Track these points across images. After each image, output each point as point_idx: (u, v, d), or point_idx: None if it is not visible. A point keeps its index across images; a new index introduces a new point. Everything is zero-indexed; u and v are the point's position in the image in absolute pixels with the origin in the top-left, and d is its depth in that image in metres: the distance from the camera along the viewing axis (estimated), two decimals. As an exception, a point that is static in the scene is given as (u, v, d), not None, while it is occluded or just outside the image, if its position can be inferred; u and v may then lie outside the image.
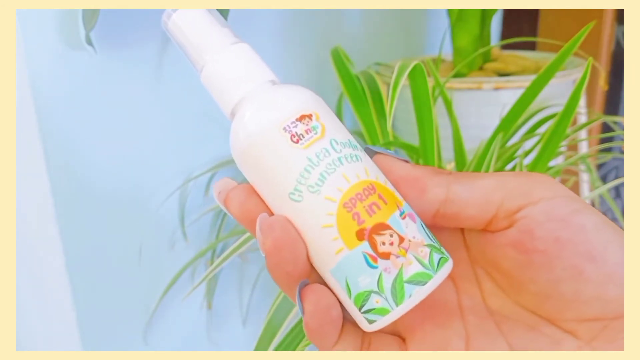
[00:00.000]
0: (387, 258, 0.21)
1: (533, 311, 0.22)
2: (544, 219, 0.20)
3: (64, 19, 0.45)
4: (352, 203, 0.21)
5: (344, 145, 0.22)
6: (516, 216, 0.20)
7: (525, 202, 0.20)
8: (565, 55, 0.49)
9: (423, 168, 0.22)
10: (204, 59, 0.23)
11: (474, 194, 0.21)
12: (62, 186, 0.48)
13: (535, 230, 0.20)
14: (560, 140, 0.49)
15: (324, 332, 0.21)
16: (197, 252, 0.59)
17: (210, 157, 0.60)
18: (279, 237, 0.21)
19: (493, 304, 0.23)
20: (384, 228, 0.21)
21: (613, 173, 1.07)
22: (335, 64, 0.59)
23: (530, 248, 0.20)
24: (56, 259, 0.49)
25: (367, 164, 0.22)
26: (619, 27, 0.99)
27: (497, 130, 0.54)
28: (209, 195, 0.61)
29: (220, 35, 0.23)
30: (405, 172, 0.22)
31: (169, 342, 0.61)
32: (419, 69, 0.46)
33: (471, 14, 0.68)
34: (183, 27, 0.23)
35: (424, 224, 0.22)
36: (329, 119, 0.22)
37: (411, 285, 0.21)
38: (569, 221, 0.20)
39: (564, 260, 0.20)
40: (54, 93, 0.46)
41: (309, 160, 0.21)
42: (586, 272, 0.20)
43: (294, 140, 0.21)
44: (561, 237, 0.20)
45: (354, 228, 0.21)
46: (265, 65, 0.23)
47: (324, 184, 0.21)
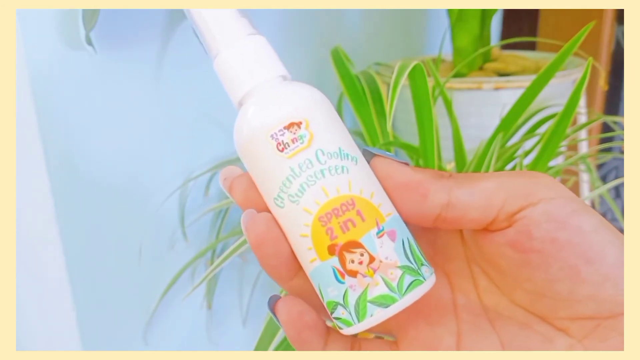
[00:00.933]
0: (354, 276, 0.21)
1: (527, 309, 0.22)
2: (543, 219, 0.20)
3: (64, 19, 0.45)
4: (327, 217, 0.21)
5: (332, 155, 0.21)
6: (516, 217, 0.21)
7: (526, 204, 0.20)
8: (565, 55, 0.49)
9: (423, 172, 0.22)
10: (218, 46, 0.23)
11: (476, 198, 0.21)
12: (62, 186, 0.48)
13: (533, 231, 0.20)
14: (560, 140, 0.49)
15: (304, 339, 0.22)
16: (197, 252, 0.59)
17: (210, 157, 0.60)
18: (262, 233, 0.21)
19: (488, 301, 0.23)
20: (355, 246, 0.21)
21: (613, 173, 1.07)
22: (335, 64, 0.59)
23: (528, 247, 0.20)
24: (56, 259, 0.49)
25: (355, 175, 0.21)
26: (619, 27, 0.99)
27: (497, 130, 0.54)
28: (209, 195, 0.61)
29: (238, 25, 0.23)
30: (406, 177, 0.21)
31: (169, 342, 0.61)
32: (419, 69, 0.46)
33: (471, 14, 0.68)
34: (202, 12, 0.23)
35: (410, 240, 0.22)
36: (322, 125, 0.22)
37: (374, 305, 0.21)
38: (567, 222, 0.20)
39: (560, 261, 0.20)
40: (54, 93, 0.46)
41: (291, 170, 0.21)
42: (582, 273, 0.20)
43: (279, 148, 0.21)
44: (559, 237, 0.20)
45: (327, 242, 0.21)
46: (278, 59, 0.23)
47: (303, 196, 0.21)
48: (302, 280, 0.23)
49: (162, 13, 0.52)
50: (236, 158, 0.60)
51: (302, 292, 0.23)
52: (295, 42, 0.67)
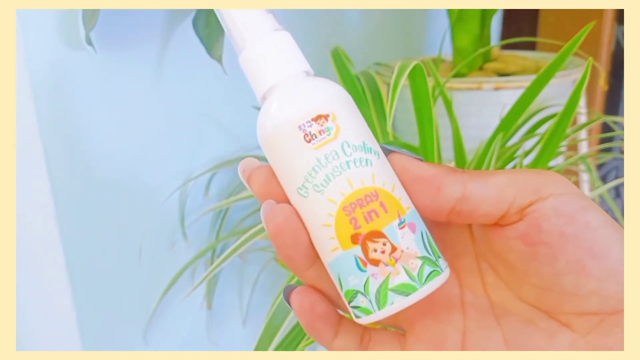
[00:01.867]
0: (376, 265, 0.22)
1: (533, 304, 0.22)
2: (552, 214, 0.21)
3: (64, 19, 0.45)
4: (351, 207, 0.22)
5: (356, 148, 0.22)
6: (526, 211, 0.21)
7: (536, 198, 0.21)
8: (565, 55, 0.49)
9: (438, 166, 0.22)
10: (244, 41, 0.23)
11: (489, 191, 0.21)
12: (63, 186, 0.48)
13: (542, 224, 0.21)
14: (560, 140, 0.49)
15: (316, 328, 0.23)
16: (197, 252, 0.59)
17: (210, 157, 0.60)
18: (281, 223, 0.22)
19: (495, 296, 0.23)
20: (378, 236, 0.22)
21: (613, 173, 1.07)
22: (335, 64, 0.59)
23: (536, 240, 0.21)
24: (56, 259, 0.49)
25: (377, 168, 0.22)
26: (619, 27, 0.99)
27: (497, 130, 0.54)
28: (209, 195, 0.61)
29: (263, 21, 0.23)
30: (421, 171, 0.22)
31: (169, 342, 0.61)
32: (419, 69, 0.46)
33: (471, 14, 0.68)
34: (230, 9, 0.23)
35: (427, 233, 0.23)
36: (347, 119, 0.22)
37: (395, 294, 0.21)
38: (576, 217, 0.20)
39: (567, 255, 0.20)
40: (54, 93, 0.46)
41: (317, 161, 0.22)
42: (588, 267, 0.20)
43: (306, 139, 0.22)
44: (566, 232, 0.20)
45: (350, 231, 0.22)
46: (301, 55, 0.24)
47: (328, 185, 0.22)
48: (317, 270, 0.23)
49: (162, 13, 0.52)
50: (236, 158, 0.60)
51: (318, 282, 0.23)
52: (295, 42, 0.67)
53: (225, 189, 0.62)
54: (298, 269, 0.23)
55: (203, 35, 0.48)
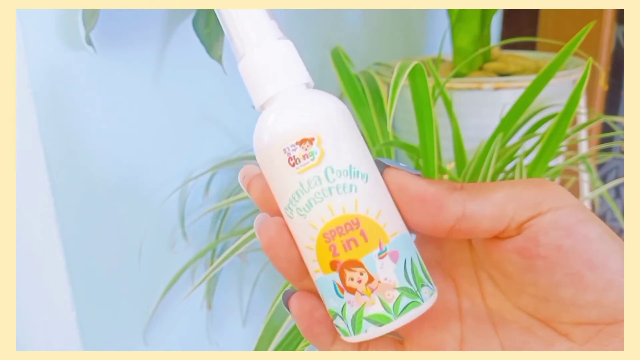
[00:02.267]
0: (353, 293, 0.22)
1: (531, 313, 0.22)
2: (550, 227, 0.21)
3: (64, 19, 0.45)
4: (331, 234, 0.22)
5: (341, 173, 0.22)
6: (525, 225, 0.21)
7: (535, 213, 0.21)
8: (565, 55, 0.49)
9: (437, 184, 0.22)
10: (245, 48, 0.23)
11: (489, 209, 0.21)
12: (62, 186, 0.48)
13: (540, 238, 0.21)
14: (560, 140, 0.49)
15: (315, 333, 0.23)
16: (197, 252, 0.59)
17: (210, 157, 0.60)
18: (273, 237, 0.22)
19: (493, 305, 0.23)
20: (356, 265, 0.22)
21: (613, 173, 1.07)
22: (335, 64, 0.59)
23: (534, 254, 0.21)
24: (56, 259, 0.49)
25: (363, 193, 0.22)
26: (619, 27, 0.99)
27: (497, 130, 0.54)
28: (209, 195, 0.61)
29: (265, 28, 0.23)
30: (420, 190, 0.22)
31: (169, 342, 0.61)
32: (419, 69, 0.46)
33: (471, 14, 0.68)
34: (232, 12, 0.23)
35: (413, 259, 0.22)
36: (335, 141, 0.22)
37: (369, 322, 0.22)
38: (574, 230, 0.21)
39: (565, 267, 0.20)
40: (54, 93, 0.46)
41: (300, 185, 0.22)
42: (586, 279, 0.20)
43: (290, 163, 0.22)
44: (564, 244, 0.20)
45: (329, 258, 0.22)
46: (302, 66, 0.23)
47: (310, 211, 0.22)
48: (311, 281, 0.23)
49: (162, 13, 0.52)
50: (236, 158, 0.60)
51: (313, 290, 0.24)
52: (295, 42, 0.66)
53: (225, 189, 0.62)
54: (292, 279, 0.23)
55: (203, 35, 0.48)
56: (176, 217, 0.58)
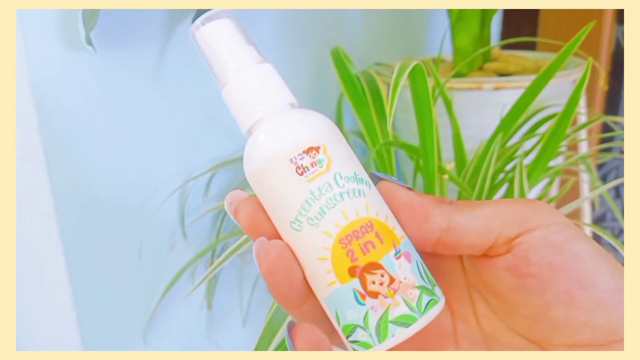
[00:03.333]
0: (376, 297, 0.21)
1: (524, 335, 0.22)
2: (540, 244, 0.21)
3: (64, 19, 0.45)
4: (347, 240, 0.21)
5: (349, 179, 0.22)
6: (514, 242, 0.21)
7: (523, 230, 0.21)
8: (565, 55, 0.49)
9: (426, 196, 0.22)
10: (226, 75, 0.23)
11: (475, 223, 0.21)
12: (62, 186, 0.48)
13: (530, 256, 0.21)
14: (560, 140, 0.49)
15: None
16: (197, 252, 0.59)
17: (210, 157, 0.60)
18: (274, 262, 0.21)
19: (486, 326, 0.23)
20: (376, 267, 0.21)
21: (613, 173, 1.07)
22: (335, 64, 0.59)
23: (525, 272, 0.21)
24: (56, 259, 0.49)
25: (370, 198, 0.22)
26: (619, 27, 0.99)
27: (497, 130, 0.54)
28: (209, 195, 0.61)
29: (245, 54, 0.23)
30: (409, 200, 0.22)
31: (169, 342, 0.61)
32: (419, 69, 0.46)
33: (471, 14, 0.68)
34: (210, 41, 0.23)
35: (421, 261, 0.22)
36: (338, 150, 0.22)
37: (395, 325, 0.21)
38: (563, 248, 0.20)
39: (556, 286, 0.20)
40: (54, 93, 0.46)
41: (311, 194, 0.21)
42: (577, 298, 0.20)
43: (299, 172, 0.21)
44: (554, 263, 0.20)
45: (347, 264, 0.21)
46: (285, 87, 0.23)
47: (322, 218, 0.21)
48: (311, 306, 0.23)
49: (162, 13, 0.52)
50: (236, 158, 0.60)
51: (311, 318, 0.23)
52: (295, 42, 0.67)
53: (225, 189, 0.62)
54: (291, 305, 0.23)
55: (203, 35, 0.48)
56: (176, 217, 0.58)
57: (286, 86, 0.23)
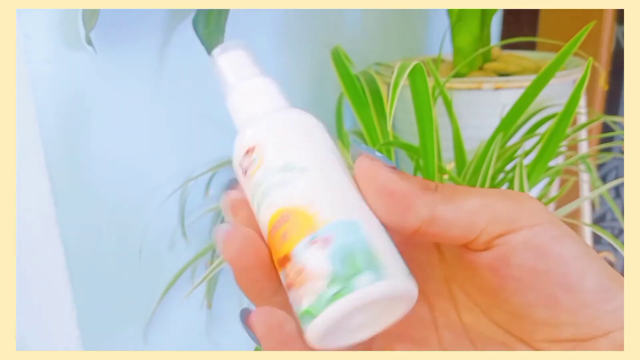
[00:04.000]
0: (290, 289, 0.21)
1: (506, 329, 0.22)
2: (522, 247, 0.20)
3: (64, 19, 0.45)
4: (272, 233, 0.21)
5: (277, 170, 0.22)
6: (495, 242, 0.20)
7: (507, 229, 0.20)
8: (565, 55, 0.49)
9: (410, 181, 0.21)
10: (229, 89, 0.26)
11: (459, 216, 0.20)
12: (62, 186, 0.48)
13: (511, 259, 0.20)
14: (560, 140, 0.49)
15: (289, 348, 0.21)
16: (197, 252, 0.59)
17: (210, 157, 0.60)
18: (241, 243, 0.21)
19: (468, 319, 0.23)
20: (288, 259, 0.21)
21: (613, 173, 1.07)
22: (335, 64, 0.59)
23: (506, 274, 0.20)
24: (56, 259, 0.49)
25: (295, 187, 0.21)
26: (619, 27, 0.99)
27: (497, 130, 0.54)
28: (209, 195, 0.61)
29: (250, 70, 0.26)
30: (390, 185, 0.20)
31: (169, 342, 0.61)
32: (419, 69, 0.46)
33: (471, 14, 0.68)
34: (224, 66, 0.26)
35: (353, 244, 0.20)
36: (274, 144, 0.23)
37: (304, 321, 0.20)
38: (547, 250, 0.20)
39: (538, 289, 0.20)
40: (54, 93, 0.46)
41: (252, 190, 0.23)
42: (561, 301, 0.20)
43: (243, 172, 0.24)
44: (537, 267, 0.20)
45: (276, 257, 0.22)
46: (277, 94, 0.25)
47: (260, 213, 0.22)
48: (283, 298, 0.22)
49: (162, 13, 0.52)
50: (236, 158, 0.60)
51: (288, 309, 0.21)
52: (295, 42, 0.67)
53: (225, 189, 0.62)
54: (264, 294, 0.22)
55: (203, 35, 0.48)
56: (176, 217, 0.58)
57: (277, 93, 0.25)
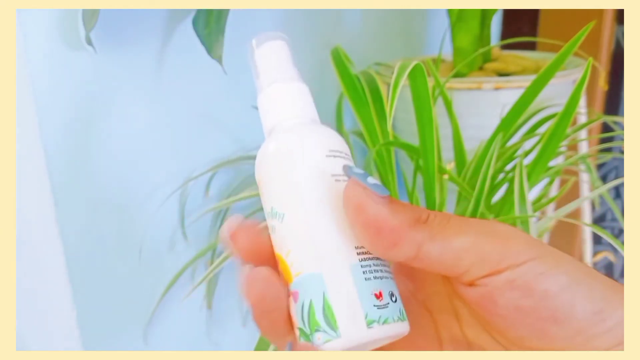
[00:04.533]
0: None
1: (506, 347, 0.22)
2: (506, 287, 0.20)
3: (64, 19, 0.45)
4: None
5: (268, 215, 0.23)
6: (479, 282, 0.20)
7: (492, 271, 0.20)
8: (565, 55, 0.49)
9: (400, 216, 0.20)
10: (262, 85, 0.25)
11: (445, 255, 0.20)
12: (62, 186, 0.48)
13: (496, 299, 0.20)
14: (560, 140, 0.49)
15: None
16: (197, 252, 0.59)
17: (210, 157, 0.60)
18: (262, 288, 0.21)
19: (470, 334, 0.23)
20: None
21: (613, 173, 1.07)
22: (335, 64, 0.59)
23: (492, 312, 0.20)
24: (56, 259, 0.49)
25: (278, 234, 0.22)
26: (619, 27, 0.99)
27: (497, 130, 0.54)
28: (209, 195, 0.61)
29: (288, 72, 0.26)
30: (378, 220, 0.20)
31: (169, 342, 0.61)
32: (419, 69, 0.46)
33: (471, 14, 0.68)
34: (262, 57, 0.26)
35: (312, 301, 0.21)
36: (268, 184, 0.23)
37: None
38: (532, 288, 0.20)
39: (527, 325, 0.20)
40: (54, 93, 0.46)
41: None
42: (551, 333, 0.20)
43: None
44: (523, 305, 0.20)
45: None
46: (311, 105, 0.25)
47: None
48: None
49: (162, 13, 0.52)
50: (236, 158, 0.60)
51: None
52: (295, 42, 0.66)
53: (225, 189, 0.62)
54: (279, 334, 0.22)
55: (203, 35, 0.48)
56: (176, 217, 0.58)
57: (312, 104, 0.25)
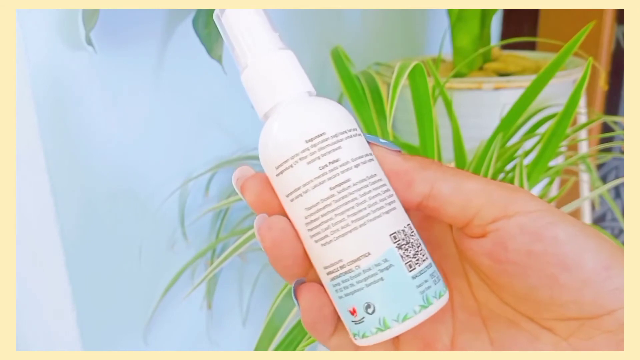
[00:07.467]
0: None
1: (514, 308, 0.22)
2: (517, 232, 0.21)
3: (64, 19, 0.45)
4: None
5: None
6: (489, 227, 0.21)
7: (501, 215, 0.21)
8: (565, 55, 0.49)
9: (412, 161, 0.23)
10: (247, 59, 0.23)
11: (455, 195, 0.22)
12: (62, 186, 0.48)
13: (507, 243, 0.21)
14: (560, 140, 0.49)
15: (318, 328, 0.23)
16: (197, 252, 0.59)
17: (210, 157, 0.60)
18: (277, 236, 0.22)
19: (480, 297, 0.24)
20: None
21: (613, 173, 1.07)
22: (335, 64, 0.59)
23: (503, 259, 0.21)
24: (56, 259, 0.49)
25: None
26: (619, 27, 0.99)
27: (497, 130, 0.54)
28: (209, 195, 0.61)
29: (267, 39, 0.23)
30: (395, 166, 0.23)
31: (169, 342, 0.61)
32: (419, 69, 0.46)
33: (471, 14, 0.68)
34: (233, 24, 0.23)
35: None
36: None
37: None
38: (542, 234, 0.20)
39: (538, 271, 0.20)
40: (54, 93, 0.46)
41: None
42: (561, 280, 0.20)
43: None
44: (534, 249, 0.20)
45: None
46: (304, 75, 0.23)
47: None
48: (312, 277, 0.23)
49: (162, 13, 0.52)
50: (236, 158, 0.60)
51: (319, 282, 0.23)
52: (296, 42, 0.66)
53: (225, 189, 0.62)
54: (293, 276, 0.23)
55: (203, 35, 0.48)
56: (176, 217, 0.58)
57: (304, 74, 0.23)
